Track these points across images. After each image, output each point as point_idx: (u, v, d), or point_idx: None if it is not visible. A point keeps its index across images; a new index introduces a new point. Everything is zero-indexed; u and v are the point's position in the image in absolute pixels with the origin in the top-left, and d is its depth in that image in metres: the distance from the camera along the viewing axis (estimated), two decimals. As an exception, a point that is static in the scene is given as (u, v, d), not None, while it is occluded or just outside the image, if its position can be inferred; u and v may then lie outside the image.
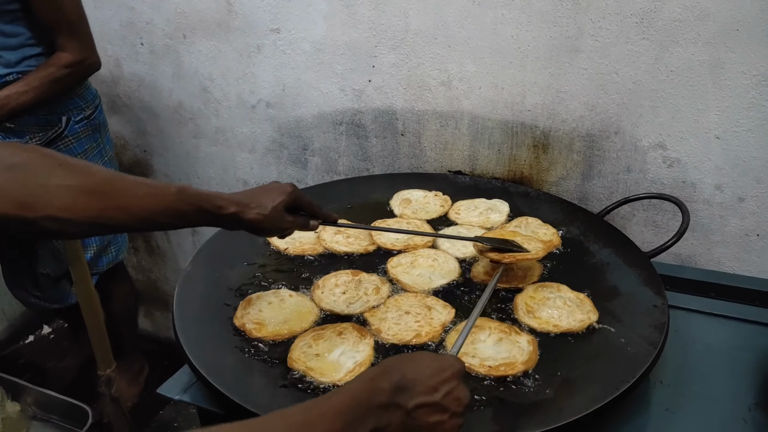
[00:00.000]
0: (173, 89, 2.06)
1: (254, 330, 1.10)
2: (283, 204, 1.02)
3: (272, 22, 1.78)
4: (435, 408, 0.71)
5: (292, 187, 1.05)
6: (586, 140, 1.53)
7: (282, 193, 1.03)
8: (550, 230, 1.39)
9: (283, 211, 1.03)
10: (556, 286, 1.20)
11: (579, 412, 0.88)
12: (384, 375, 0.70)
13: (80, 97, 1.81)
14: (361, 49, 1.69)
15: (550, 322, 1.10)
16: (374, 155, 1.83)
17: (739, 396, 1.06)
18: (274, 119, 1.93)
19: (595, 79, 1.46)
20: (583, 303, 1.15)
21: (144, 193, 0.88)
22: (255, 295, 1.21)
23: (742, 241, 1.47)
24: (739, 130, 1.37)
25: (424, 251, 1.33)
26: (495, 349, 1.03)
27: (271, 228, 1.03)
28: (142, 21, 1.98)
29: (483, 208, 1.52)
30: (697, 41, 1.33)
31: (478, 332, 1.07)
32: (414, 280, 1.24)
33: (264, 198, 1.01)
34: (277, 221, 1.02)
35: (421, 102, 1.69)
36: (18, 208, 0.77)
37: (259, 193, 1.03)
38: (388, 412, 0.67)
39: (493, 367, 0.99)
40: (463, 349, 0.97)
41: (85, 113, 1.82)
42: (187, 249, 2.41)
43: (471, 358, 1.01)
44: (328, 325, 1.11)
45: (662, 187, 1.49)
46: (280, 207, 1.02)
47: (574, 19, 1.42)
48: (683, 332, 1.20)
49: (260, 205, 1.00)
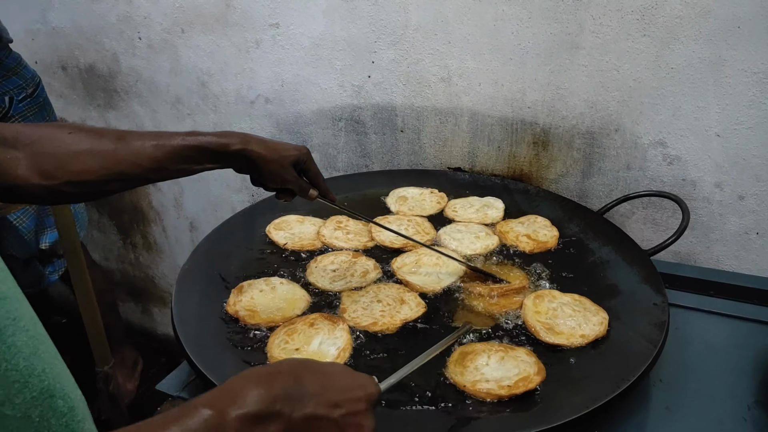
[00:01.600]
0: (171, 84, 2.05)
1: (247, 317, 1.12)
2: (293, 157, 1.03)
3: (271, 17, 1.77)
4: (329, 425, 0.61)
5: (306, 150, 1.06)
6: (586, 137, 1.53)
7: (294, 149, 1.04)
8: (553, 232, 1.39)
9: (290, 163, 1.03)
10: (549, 294, 1.17)
11: (579, 410, 0.88)
12: (269, 378, 0.60)
13: (18, 76, 1.82)
14: (361, 45, 1.68)
15: (575, 333, 1.06)
16: (373, 151, 1.82)
17: (738, 394, 1.06)
18: (272, 115, 1.92)
19: (595, 76, 1.45)
20: (584, 303, 1.14)
21: (151, 144, 0.91)
22: (246, 282, 1.22)
23: (741, 240, 1.47)
24: (739, 128, 1.37)
25: (426, 250, 1.31)
26: (503, 369, 0.99)
27: (275, 172, 1.01)
28: (140, 15, 1.97)
29: (478, 205, 1.52)
30: (698, 38, 1.33)
31: (476, 358, 1.01)
32: (422, 280, 1.23)
33: (276, 144, 1.02)
34: (283, 169, 1.02)
35: (421, 98, 1.68)
36: (41, 178, 0.84)
37: (273, 141, 1.03)
38: (260, 425, 0.56)
39: (512, 386, 0.95)
40: (471, 377, 0.97)
41: (26, 91, 1.83)
42: (185, 245, 2.41)
43: (485, 383, 0.96)
44: (296, 319, 1.11)
45: (662, 184, 1.49)
46: (289, 158, 1.02)
47: (574, 16, 1.41)
48: (683, 330, 1.20)
49: (271, 148, 1.00)
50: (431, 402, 0.94)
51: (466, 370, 0.99)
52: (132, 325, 2.75)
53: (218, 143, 0.97)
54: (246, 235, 1.41)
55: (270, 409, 0.57)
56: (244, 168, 1.02)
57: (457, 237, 1.38)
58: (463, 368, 0.99)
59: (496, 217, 1.47)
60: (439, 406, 0.93)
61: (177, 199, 2.30)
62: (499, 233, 1.40)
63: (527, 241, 1.35)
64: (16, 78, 1.81)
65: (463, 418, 0.91)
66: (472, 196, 1.57)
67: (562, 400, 0.92)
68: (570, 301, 1.15)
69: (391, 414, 0.91)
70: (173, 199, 2.31)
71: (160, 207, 2.36)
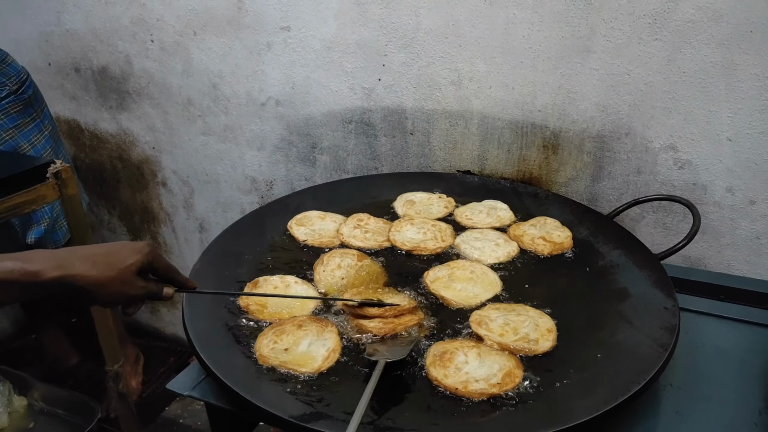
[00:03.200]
0: (183, 86, 2.07)
1: (257, 311, 1.13)
2: (135, 266, 0.86)
3: (282, 20, 1.78)
4: None
5: (150, 247, 0.90)
6: (597, 141, 1.53)
7: (136, 252, 0.87)
8: (565, 232, 1.39)
9: (134, 274, 0.86)
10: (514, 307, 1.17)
11: (589, 413, 0.88)
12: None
13: (1, 74, 1.84)
14: (372, 48, 1.69)
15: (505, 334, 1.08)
16: (383, 154, 1.83)
17: (749, 399, 1.05)
18: (283, 117, 1.94)
19: (606, 79, 1.45)
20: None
21: None
22: (263, 278, 1.23)
23: (752, 244, 1.46)
24: (751, 133, 1.36)
25: (459, 263, 1.28)
26: (486, 366, 1.00)
27: (116, 294, 0.84)
28: (153, 18, 1.99)
29: (485, 209, 1.51)
30: (710, 43, 1.32)
31: (453, 357, 1.01)
32: (458, 295, 1.19)
33: (110, 255, 0.84)
34: (126, 285, 0.85)
35: (431, 101, 1.69)
36: None
37: (105, 249, 0.85)
38: None
39: (501, 382, 0.96)
40: (458, 378, 0.97)
41: (9, 88, 1.85)
42: (194, 246, 2.42)
43: (474, 383, 0.96)
44: (286, 320, 1.11)
45: (673, 189, 1.49)
46: (131, 269, 0.85)
47: (586, 20, 1.41)
48: (693, 335, 1.20)
49: (104, 263, 0.81)
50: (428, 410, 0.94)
51: (447, 370, 0.99)
52: (140, 325, 2.77)
53: (23, 272, 0.75)
54: (256, 236, 1.41)
55: None
56: (67, 296, 0.80)
57: (477, 246, 1.35)
58: (445, 369, 0.99)
59: (510, 217, 1.47)
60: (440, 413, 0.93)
61: (187, 200, 2.32)
62: (514, 237, 1.39)
63: (544, 244, 1.34)
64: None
65: (472, 423, 0.91)
66: (473, 201, 1.55)
67: (573, 402, 0.92)
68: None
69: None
70: (183, 200, 2.33)
71: (171, 208, 2.38)
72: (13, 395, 1.91)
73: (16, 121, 1.88)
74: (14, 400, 1.90)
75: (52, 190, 1.59)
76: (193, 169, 2.23)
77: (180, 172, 2.26)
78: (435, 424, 0.90)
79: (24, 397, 1.91)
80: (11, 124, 1.87)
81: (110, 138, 2.35)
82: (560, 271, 1.29)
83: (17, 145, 1.90)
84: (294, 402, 0.93)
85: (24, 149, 1.92)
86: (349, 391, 0.95)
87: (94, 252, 0.82)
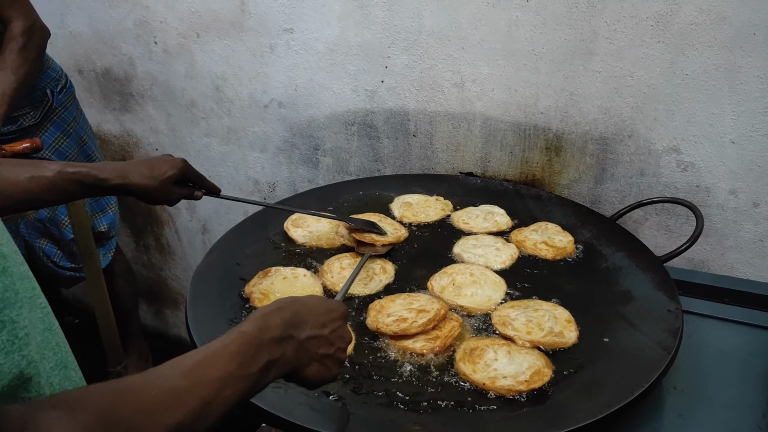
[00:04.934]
0: (186, 88, 2.07)
1: (257, 300, 1.15)
2: (173, 178, 1.11)
3: (286, 22, 1.79)
4: (323, 341, 0.76)
5: (183, 162, 1.14)
6: (600, 143, 1.53)
7: (172, 167, 1.11)
8: (567, 237, 1.38)
9: (172, 183, 1.11)
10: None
11: (593, 416, 0.88)
12: (276, 312, 0.73)
13: (51, 69, 1.87)
14: (374, 50, 1.70)
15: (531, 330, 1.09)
16: (386, 156, 1.83)
17: (752, 402, 1.05)
18: (286, 119, 1.94)
19: (609, 82, 1.45)
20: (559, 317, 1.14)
21: (26, 176, 0.93)
22: (274, 268, 1.25)
23: (756, 247, 1.46)
24: (754, 135, 1.36)
25: (454, 267, 1.28)
26: (515, 364, 1.01)
27: (160, 197, 1.11)
28: (156, 20, 1.99)
29: (483, 214, 1.50)
30: (713, 45, 1.32)
31: (483, 354, 1.02)
32: (474, 301, 1.19)
33: (154, 169, 1.08)
34: (166, 193, 1.11)
35: (434, 103, 1.69)
36: None
37: (150, 163, 1.09)
38: (281, 345, 0.70)
39: (529, 379, 0.97)
40: (487, 374, 0.99)
41: (61, 83, 1.89)
42: (197, 247, 2.42)
43: (503, 379, 0.97)
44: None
45: (676, 191, 1.48)
46: (169, 180, 1.10)
47: (588, 22, 1.41)
48: (696, 338, 1.20)
49: (150, 176, 1.07)
50: (444, 400, 0.94)
51: (477, 366, 1.00)
52: (144, 327, 2.77)
53: (94, 177, 1.00)
54: (259, 237, 1.42)
55: (286, 333, 0.72)
56: (126, 196, 1.08)
57: (478, 252, 1.34)
58: (474, 365, 1.01)
59: (506, 222, 1.46)
60: (450, 408, 0.93)
61: (190, 201, 2.32)
62: (516, 242, 1.38)
63: (546, 248, 1.34)
64: (50, 71, 1.86)
65: (478, 424, 0.91)
66: (483, 204, 1.55)
67: (576, 405, 0.92)
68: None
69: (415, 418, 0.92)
70: (186, 202, 2.33)
71: (173, 209, 2.38)
72: (17, 396, 1.91)
73: (73, 114, 1.93)
74: (17, 402, 1.91)
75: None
76: (196, 170, 2.23)
77: (183, 173, 2.27)
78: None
79: (27, 399, 1.91)
80: (70, 117, 1.92)
81: (114, 140, 2.36)
82: (563, 273, 1.29)
83: (79, 136, 1.96)
84: (297, 403, 0.93)
85: (84, 141, 1.98)
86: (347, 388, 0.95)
87: (144, 165, 1.07)
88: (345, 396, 0.96)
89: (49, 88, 1.84)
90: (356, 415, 0.93)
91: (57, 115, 1.87)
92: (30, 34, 1.64)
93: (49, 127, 1.86)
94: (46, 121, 1.84)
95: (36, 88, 1.79)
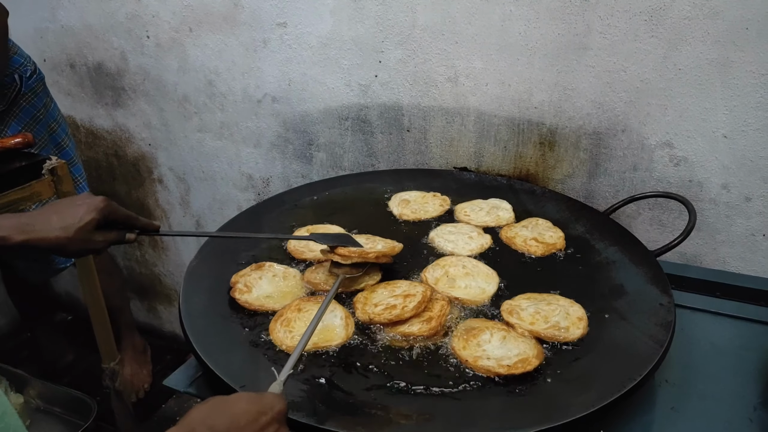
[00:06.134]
0: (178, 83, 2.06)
1: (238, 291, 1.16)
2: (92, 224, 0.93)
3: (279, 17, 1.78)
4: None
5: (105, 202, 0.96)
6: (593, 138, 1.53)
7: (89, 210, 0.93)
8: (557, 233, 1.38)
9: (92, 231, 0.93)
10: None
11: (585, 409, 0.88)
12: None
13: (18, 55, 1.84)
14: (368, 45, 1.69)
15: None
16: (380, 151, 1.83)
17: (744, 395, 1.06)
18: (279, 114, 1.93)
19: (602, 76, 1.45)
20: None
21: None
22: (268, 263, 1.25)
23: (747, 241, 1.46)
24: (747, 130, 1.37)
25: (447, 260, 1.28)
26: (505, 348, 1.02)
27: (78, 249, 0.93)
28: (148, 14, 1.98)
29: (487, 207, 1.50)
30: (706, 39, 1.33)
31: (479, 334, 1.05)
32: (468, 293, 1.19)
33: (66, 217, 0.91)
34: (85, 242, 0.93)
35: (428, 98, 1.69)
36: None
37: (61, 210, 0.92)
38: None
39: (512, 365, 0.98)
40: (473, 353, 1.00)
41: (30, 69, 1.86)
42: (190, 243, 2.41)
43: (486, 360, 0.99)
44: (281, 310, 1.11)
45: (668, 185, 1.49)
46: (87, 228, 0.92)
47: (582, 16, 1.41)
48: (688, 331, 1.20)
49: (61, 226, 0.89)
50: (431, 383, 0.96)
51: (468, 344, 1.02)
52: (138, 323, 2.76)
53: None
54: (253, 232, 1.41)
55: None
56: (35, 255, 0.92)
57: (450, 239, 1.36)
58: (466, 342, 1.03)
59: (509, 218, 1.46)
60: (438, 390, 0.95)
61: (183, 197, 2.31)
62: (506, 239, 1.37)
63: (536, 245, 1.33)
64: (17, 57, 1.83)
65: (467, 411, 0.91)
66: (477, 198, 1.55)
67: (568, 398, 0.93)
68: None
69: (400, 399, 0.92)
70: (180, 197, 2.32)
71: (167, 205, 2.37)
72: (10, 392, 1.90)
73: (43, 100, 1.90)
74: (11, 398, 1.90)
75: (48, 187, 1.58)
76: (189, 166, 2.22)
77: (176, 169, 2.26)
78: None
79: (21, 395, 1.91)
80: (40, 103, 1.88)
81: (106, 134, 2.35)
82: (556, 267, 1.29)
83: (48, 123, 1.92)
84: (293, 398, 0.93)
85: (53, 129, 1.94)
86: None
87: (52, 214, 0.90)
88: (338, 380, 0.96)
89: (17, 74, 1.80)
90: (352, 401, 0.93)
91: (26, 100, 1.84)
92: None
93: (18, 113, 1.82)
94: (15, 107, 1.81)
95: (1, 74, 1.75)
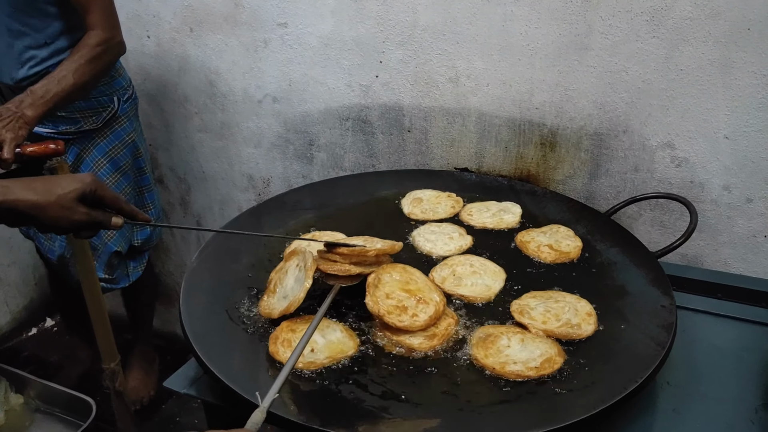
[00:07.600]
0: (179, 83, 2.06)
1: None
2: (76, 192, 0.90)
3: (279, 17, 1.78)
4: None
5: (91, 178, 0.93)
6: (594, 139, 1.53)
7: (77, 180, 0.91)
8: (576, 242, 1.34)
9: (75, 200, 0.90)
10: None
11: (586, 411, 0.88)
12: None
13: (122, 78, 1.85)
14: (369, 45, 1.69)
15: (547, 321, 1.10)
16: (380, 151, 1.83)
17: (746, 397, 1.05)
18: (280, 114, 1.93)
19: (604, 77, 1.45)
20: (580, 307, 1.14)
21: None
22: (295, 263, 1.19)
23: (749, 242, 1.46)
24: (748, 131, 1.37)
25: (454, 260, 1.28)
26: (527, 351, 1.02)
27: (59, 218, 0.89)
28: (149, 14, 1.98)
29: (495, 209, 1.49)
30: (707, 40, 1.32)
31: (497, 340, 1.04)
32: (473, 291, 1.19)
33: (52, 184, 0.89)
34: (67, 210, 0.89)
35: (429, 98, 1.68)
36: None
37: (47, 178, 0.91)
38: None
39: (539, 366, 0.99)
40: (498, 359, 1.00)
41: (128, 93, 1.87)
42: (191, 243, 2.41)
43: (513, 365, 0.99)
44: (282, 325, 1.07)
45: (670, 186, 1.49)
46: (71, 195, 0.89)
47: (583, 17, 1.41)
48: (690, 333, 1.20)
49: (44, 190, 0.87)
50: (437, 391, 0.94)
51: (489, 351, 1.02)
52: (138, 322, 2.76)
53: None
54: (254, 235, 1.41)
55: None
56: (14, 221, 0.88)
57: (430, 239, 1.36)
58: (486, 350, 1.02)
59: (512, 222, 1.43)
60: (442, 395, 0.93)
61: (184, 197, 2.31)
62: (520, 243, 1.35)
63: (549, 252, 1.30)
64: (121, 79, 1.83)
65: (468, 415, 0.91)
66: (491, 200, 1.52)
67: (570, 400, 0.92)
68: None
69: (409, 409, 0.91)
70: (180, 198, 2.32)
71: (167, 205, 2.37)
72: (10, 393, 1.90)
73: (134, 124, 1.91)
74: (11, 398, 1.90)
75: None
76: (189, 166, 2.22)
77: (177, 169, 2.26)
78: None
79: (21, 395, 1.91)
80: (131, 128, 1.89)
81: (106, 135, 2.34)
82: (558, 269, 1.28)
83: (135, 148, 1.93)
84: (293, 400, 0.93)
85: (139, 154, 1.95)
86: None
87: (36, 180, 0.87)
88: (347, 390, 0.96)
89: (116, 96, 1.81)
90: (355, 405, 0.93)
91: (119, 123, 1.85)
92: (105, 47, 1.63)
93: (108, 134, 1.83)
94: (107, 128, 1.82)
95: (103, 94, 1.77)
